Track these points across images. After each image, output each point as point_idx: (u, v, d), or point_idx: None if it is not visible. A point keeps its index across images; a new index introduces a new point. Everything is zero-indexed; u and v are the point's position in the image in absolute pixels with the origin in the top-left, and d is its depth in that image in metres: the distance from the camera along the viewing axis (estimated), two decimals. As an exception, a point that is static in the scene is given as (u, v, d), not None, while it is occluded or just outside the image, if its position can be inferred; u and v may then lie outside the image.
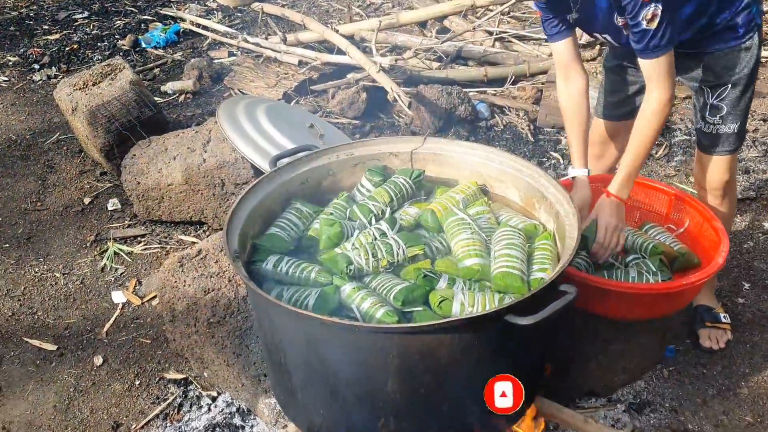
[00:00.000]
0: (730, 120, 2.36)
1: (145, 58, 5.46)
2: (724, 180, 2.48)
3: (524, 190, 2.14)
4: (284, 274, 1.88)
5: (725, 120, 2.36)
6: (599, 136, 2.72)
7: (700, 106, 2.40)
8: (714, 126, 2.38)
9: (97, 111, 3.61)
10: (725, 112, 2.35)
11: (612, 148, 2.72)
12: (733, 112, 2.35)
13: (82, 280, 3.17)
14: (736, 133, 2.39)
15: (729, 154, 2.43)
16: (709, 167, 2.48)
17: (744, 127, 2.43)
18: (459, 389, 1.72)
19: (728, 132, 2.38)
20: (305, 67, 4.68)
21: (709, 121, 2.39)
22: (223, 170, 3.18)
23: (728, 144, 2.41)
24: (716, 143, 2.42)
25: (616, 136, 2.68)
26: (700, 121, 2.42)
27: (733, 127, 2.37)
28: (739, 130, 2.39)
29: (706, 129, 2.41)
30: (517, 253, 1.86)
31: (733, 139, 2.40)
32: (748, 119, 2.48)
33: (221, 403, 2.46)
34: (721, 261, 2.17)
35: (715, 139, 2.41)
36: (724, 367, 2.57)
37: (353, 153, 2.28)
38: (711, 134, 2.41)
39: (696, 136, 2.51)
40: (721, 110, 2.35)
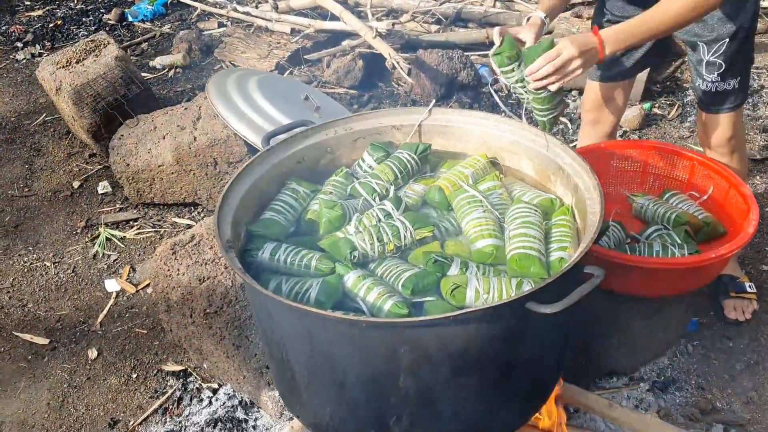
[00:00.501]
0: (730, 76, 2.22)
1: (132, 32, 5.26)
2: (727, 137, 2.35)
3: (538, 161, 1.97)
4: (282, 263, 1.73)
5: (724, 76, 2.22)
6: (593, 100, 2.58)
7: (696, 64, 2.26)
8: (713, 84, 2.24)
9: (82, 90, 3.44)
10: (724, 69, 2.21)
11: (607, 112, 2.58)
12: (732, 68, 2.21)
13: (74, 268, 3.03)
14: (737, 89, 2.25)
15: (731, 111, 2.30)
16: (712, 126, 2.35)
17: (746, 82, 2.29)
18: (476, 382, 1.58)
19: (728, 89, 2.24)
20: (298, 36, 4.49)
21: (707, 78, 2.24)
22: (215, 148, 3.02)
23: (729, 101, 2.27)
24: (716, 101, 2.29)
25: (612, 100, 2.53)
26: (698, 79, 2.28)
27: (732, 83, 2.23)
28: (740, 86, 2.25)
29: (705, 87, 2.27)
30: (535, 232, 1.71)
31: (734, 95, 2.26)
32: (750, 73, 2.33)
33: (223, 396, 2.34)
34: (752, 230, 2.02)
35: (715, 97, 2.28)
36: (752, 340, 2.44)
37: (352, 128, 2.11)
38: (710, 92, 2.27)
39: (695, 95, 2.37)
40: (720, 67, 2.21)
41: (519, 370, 1.62)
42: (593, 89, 2.55)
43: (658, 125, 3.68)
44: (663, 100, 3.89)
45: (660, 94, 3.92)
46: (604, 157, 2.45)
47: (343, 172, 2.01)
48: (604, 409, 1.97)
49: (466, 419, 1.63)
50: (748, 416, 2.20)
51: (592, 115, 2.61)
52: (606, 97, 2.54)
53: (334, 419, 1.68)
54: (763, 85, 3.97)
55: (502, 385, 1.61)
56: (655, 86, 3.97)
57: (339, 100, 3.96)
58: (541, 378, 1.75)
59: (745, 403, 2.24)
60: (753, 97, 3.87)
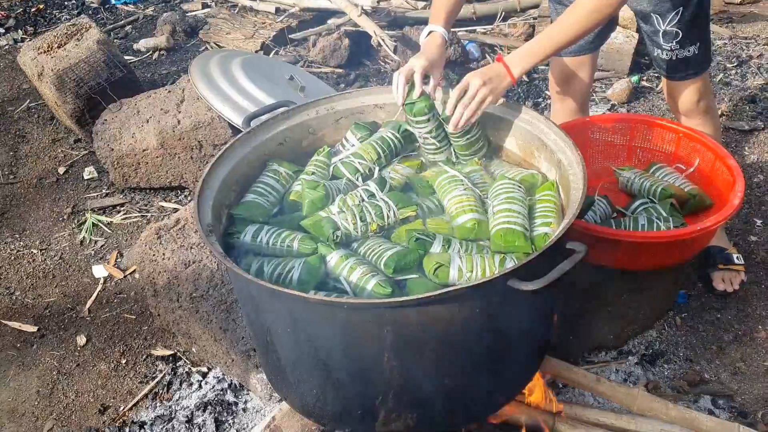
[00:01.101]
0: (689, 42, 2.18)
1: (115, 15, 5.19)
2: (694, 101, 2.32)
3: (522, 138, 1.96)
4: (265, 245, 1.71)
5: (683, 44, 2.18)
6: (559, 74, 2.54)
7: (651, 34, 2.22)
8: (672, 52, 2.20)
9: (64, 75, 3.39)
10: (682, 36, 2.17)
11: (575, 87, 2.54)
12: (690, 34, 2.17)
13: (61, 255, 3.01)
14: (697, 54, 2.21)
15: (696, 77, 2.26)
16: (679, 93, 2.32)
17: (707, 45, 2.24)
18: (461, 360, 1.58)
19: (689, 55, 2.21)
20: (283, 15, 4.44)
21: (665, 47, 2.20)
22: (199, 131, 2.99)
23: (692, 66, 2.23)
24: (679, 68, 2.25)
25: (577, 73, 2.50)
26: (656, 49, 2.24)
27: (692, 49, 2.19)
28: (701, 50, 2.21)
29: (665, 56, 2.23)
30: (518, 207, 1.69)
31: (696, 60, 2.22)
32: (710, 35, 2.28)
33: (212, 379, 2.33)
34: (738, 202, 2.02)
35: (678, 65, 2.24)
36: (739, 311, 2.45)
37: (334, 107, 2.09)
38: (671, 60, 2.23)
39: (654, 64, 2.33)
40: (677, 36, 2.17)
41: (504, 347, 1.62)
42: (558, 64, 2.52)
43: (646, 98, 3.66)
44: (651, 72, 3.86)
45: (648, 67, 3.89)
46: (589, 131, 2.43)
47: (326, 152, 1.99)
48: (592, 383, 1.97)
49: (452, 397, 1.63)
50: (736, 387, 2.20)
51: (560, 91, 2.58)
52: (572, 71, 2.51)
53: (321, 401, 1.68)
54: (752, 56, 3.95)
55: (487, 363, 1.61)
56: (644, 59, 3.94)
57: (325, 79, 3.93)
58: (526, 354, 1.75)
59: (733, 373, 2.25)
60: (741, 68, 3.85)
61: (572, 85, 2.53)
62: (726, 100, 3.57)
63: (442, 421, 1.69)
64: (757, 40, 4.09)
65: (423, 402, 1.63)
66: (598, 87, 3.80)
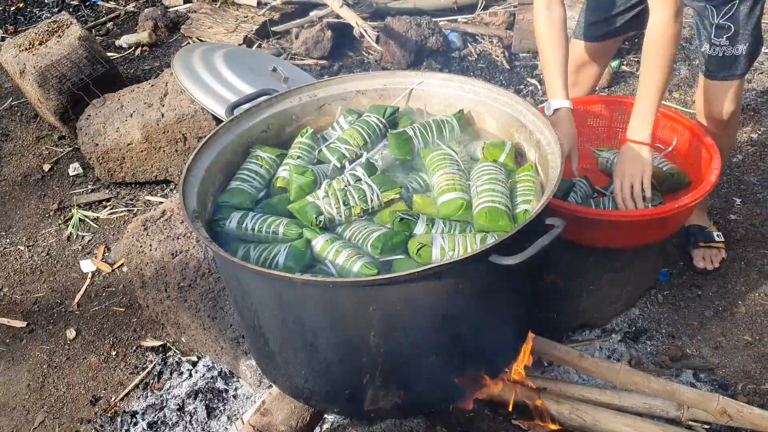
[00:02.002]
0: (740, 41, 2.16)
1: (96, 12, 5.16)
2: (731, 110, 2.29)
3: (502, 119, 1.99)
4: (250, 231, 1.74)
5: (734, 41, 2.16)
6: (575, 60, 2.52)
7: (704, 28, 2.20)
8: (721, 48, 2.18)
9: (46, 72, 3.39)
10: (733, 32, 2.15)
11: (587, 73, 2.55)
12: (742, 32, 2.15)
13: (48, 251, 3.01)
14: (746, 55, 2.19)
15: (738, 79, 2.25)
16: (716, 95, 2.28)
17: (755, 48, 2.22)
18: (447, 337, 1.61)
19: (737, 54, 2.19)
20: (265, 8, 4.44)
21: (715, 43, 2.18)
22: (183, 124, 3.00)
23: (737, 68, 2.21)
24: (724, 67, 2.22)
25: (594, 60, 2.51)
26: (705, 44, 2.22)
27: (742, 48, 2.17)
28: (750, 51, 2.19)
29: (713, 52, 2.20)
30: (501, 187, 1.73)
31: (742, 61, 2.21)
32: (761, 40, 2.26)
33: (202, 368, 2.35)
34: (714, 179, 2.06)
35: (723, 63, 2.21)
36: (720, 287, 2.49)
37: (317, 94, 2.11)
38: (718, 57, 2.21)
39: (699, 61, 2.31)
40: (729, 30, 2.15)
41: (488, 323, 1.65)
42: (577, 48, 2.50)
43: (627, 82, 3.70)
44: (632, 57, 3.91)
45: (628, 51, 3.94)
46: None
47: (308, 133, 2.00)
48: (575, 360, 2.01)
49: (438, 375, 1.66)
50: (716, 361, 2.25)
51: (571, 77, 2.52)
52: (590, 56, 2.50)
53: (309, 382, 1.71)
54: (730, 39, 3.99)
55: (472, 339, 1.64)
56: (624, 43, 3.97)
57: (309, 71, 3.94)
58: (510, 331, 1.79)
59: (714, 348, 2.29)
60: (720, 51, 3.89)
61: (585, 73, 2.54)
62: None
63: (429, 398, 1.73)
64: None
65: (409, 380, 1.67)
66: (579, 73, 3.83)
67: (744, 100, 3.43)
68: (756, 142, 3.17)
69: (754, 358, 2.24)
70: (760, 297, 2.45)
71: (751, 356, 2.25)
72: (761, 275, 2.52)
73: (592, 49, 2.49)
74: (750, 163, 3.05)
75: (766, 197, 2.85)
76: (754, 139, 3.19)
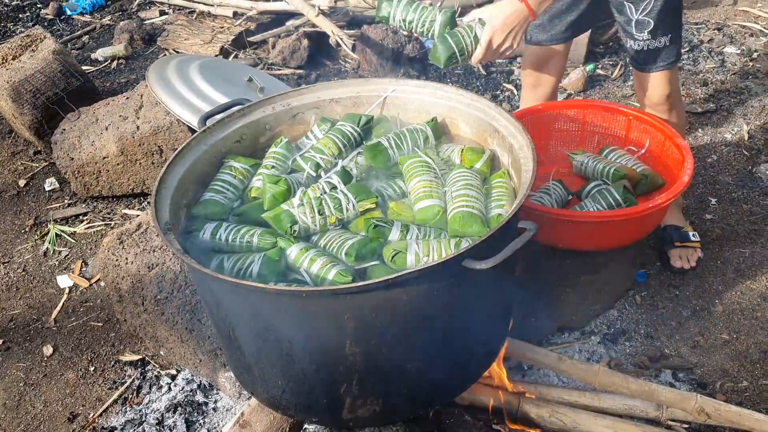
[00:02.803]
0: (660, 33, 2.23)
1: (72, 25, 5.14)
2: (665, 95, 2.36)
3: (475, 125, 1.99)
4: (224, 242, 1.72)
5: (654, 34, 2.23)
6: (532, 63, 2.58)
7: (625, 24, 2.26)
8: (644, 42, 2.25)
9: (20, 86, 3.36)
10: (653, 26, 2.21)
11: (547, 75, 2.59)
12: (661, 25, 2.21)
13: (24, 267, 2.98)
14: (668, 46, 2.25)
15: (666, 69, 2.31)
16: (649, 85, 2.36)
17: (678, 38, 2.29)
18: (424, 343, 1.61)
19: (659, 46, 2.25)
20: (241, 19, 4.43)
21: (637, 38, 2.25)
22: (159, 136, 2.98)
23: (663, 58, 2.28)
24: (650, 59, 2.29)
25: (550, 62, 2.55)
26: (629, 40, 2.28)
27: (664, 40, 2.24)
28: (672, 42, 2.26)
29: (637, 46, 2.27)
30: (475, 193, 1.73)
31: (667, 52, 2.27)
32: (682, 27, 2.34)
33: (181, 381, 2.33)
34: (687, 179, 2.08)
35: (648, 56, 2.28)
36: (697, 287, 2.51)
37: (290, 103, 2.11)
38: (642, 51, 2.27)
39: (628, 56, 2.38)
40: (649, 24, 2.21)
41: (464, 328, 1.65)
42: (532, 53, 2.57)
43: (602, 86, 3.73)
44: (606, 60, 3.94)
45: (603, 55, 3.97)
46: (543, 118, 2.48)
47: (283, 143, 1.99)
48: (554, 362, 2.01)
49: (415, 381, 1.66)
50: (695, 360, 2.26)
51: (532, 79, 2.62)
52: (544, 60, 2.56)
53: (287, 393, 1.70)
54: (703, 40, 4.04)
55: (448, 345, 1.64)
56: (598, 48, 4.02)
57: (286, 80, 3.94)
58: (488, 335, 1.78)
59: (692, 347, 2.31)
60: (693, 52, 3.94)
61: (545, 74, 2.58)
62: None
63: (408, 405, 1.72)
64: (707, 25, 4.20)
65: (387, 388, 1.66)
66: (554, 77, 3.86)
67: (717, 101, 3.48)
68: (730, 142, 3.20)
69: (731, 356, 2.26)
70: (737, 295, 2.47)
71: (728, 354, 2.27)
72: (737, 274, 2.54)
73: (545, 52, 2.53)
74: (725, 163, 3.08)
75: (741, 197, 2.88)
76: (728, 140, 3.22)
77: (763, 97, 3.47)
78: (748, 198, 2.87)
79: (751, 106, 3.42)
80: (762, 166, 3.02)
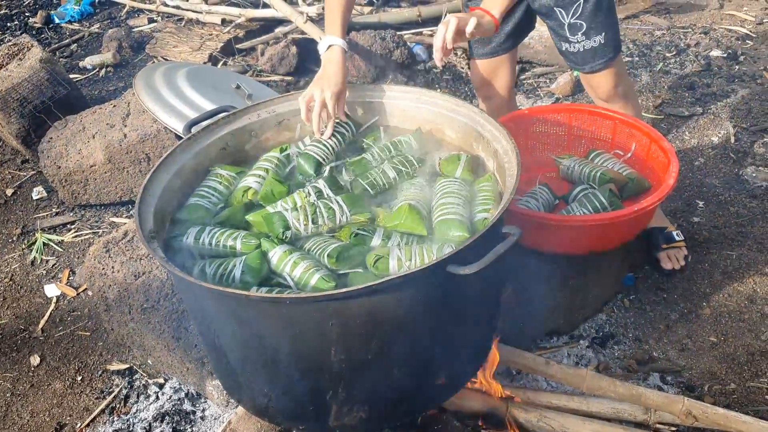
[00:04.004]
0: (594, 33, 2.23)
1: (60, 34, 5.13)
2: (612, 89, 2.36)
3: (461, 130, 2.00)
4: (207, 246, 1.71)
5: (588, 35, 2.23)
6: (479, 77, 2.58)
7: (557, 29, 2.27)
8: (579, 43, 2.25)
9: (7, 95, 3.35)
10: (586, 28, 2.22)
11: (496, 86, 2.58)
12: (594, 25, 2.22)
13: (11, 276, 2.96)
14: (603, 44, 2.25)
15: (607, 67, 2.31)
16: (599, 84, 2.36)
17: (615, 33, 2.29)
18: (409, 349, 1.60)
19: (595, 45, 2.25)
20: (230, 26, 4.44)
21: (572, 40, 2.25)
22: (146, 143, 2.98)
23: (601, 56, 2.28)
24: (589, 59, 2.30)
25: (496, 74, 2.55)
26: (563, 44, 2.29)
27: (598, 39, 2.24)
28: (608, 39, 2.25)
29: (573, 48, 2.28)
30: (454, 199, 1.73)
31: (604, 50, 2.27)
32: (617, 23, 2.33)
33: (169, 390, 2.32)
34: (672, 182, 2.08)
35: (587, 56, 2.29)
36: (685, 290, 2.51)
37: (275, 110, 2.11)
38: (579, 52, 2.28)
39: (565, 59, 2.38)
40: (581, 27, 2.22)
41: (450, 333, 1.65)
42: (476, 67, 2.56)
43: (590, 90, 3.74)
44: (594, 65, 3.95)
45: (590, 60, 3.98)
46: (529, 123, 2.48)
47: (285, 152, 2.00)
48: (542, 367, 2.01)
49: (402, 387, 1.65)
50: (683, 362, 2.26)
51: (484, 91, 2.61)
52: (490, 72, 2.54)
53: (273, 400, 1.69)
54: (689, 44, 4.06)
55: (434, 350, 1.63)
56: (586, 52, 4.03)
57: (275, 87, 3.94)
58: (474, 341, 1.78)
59: (680, 350, 2.31)
60: (680, 56, 3.96)
61: (494, 85, 2.57)
62: (666, 88, 3.67)
63: (394, 411, 1.71)
64: (693, 29, 4.22)
65: (373, 394, 1.65)
66: (542, 81, 3.88)
67: (704, 105, 3.49)
68: (717, 145, 3.21)
69: (719, 358, 2.26)
70: (724, 298, 2.47)
71: (716, 357, 2.27)
72: (725, 276, 2.54)
73: (489, 64, 2.52)
74: (712, 166, 3.09)
75: (728, 199, 2.89)
76: (715, 143, 3.23)
77: (749, 100, 3.49)
78: (735, 200, 2.88)
79: (737, 109, 3.43)
80: (748, 169, 3.03)
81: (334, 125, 2.01)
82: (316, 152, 1.97)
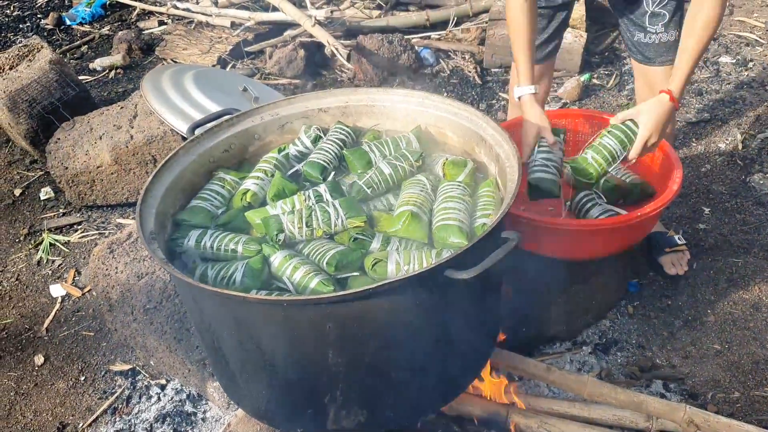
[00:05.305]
0: (672, 27, 2.25)
1: (71, 35, 5.17)
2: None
3: (463, 134, 1.99)
4: (209, 249, 1.72)
5: (667, 27, 2.25)
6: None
7: (639, 16, 2.27)
8: (656, 35, 2.27)
9: (16, 96, 3.38)
10: (668, 19, 2.23)
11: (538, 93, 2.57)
12: (674, 18, 2.24)
13: (18, 276, 2.98)
14: (676, 40, 2.25)
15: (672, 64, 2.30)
16: (656, 80, 2.35)
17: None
18: (407, 353, 1.60)
19: (671, 39, 2.27)
20: (239, 29, 4.46)
21: (650, 30, 2.26)
22: (152, 145, 2.99)
23: (672, 52, 2.26)
24: (660, 53, 2.30)
25: (540, 79, 2.54)
26: (638, 33, 2.30)
27: (674, 34, 2.26)
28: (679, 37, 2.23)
29: (648, 39, 2.29)
30: (455, 204, 1.73)
31: (675, 46, 2.23)
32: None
33: (170, 391, 2.33)
34: (676, 188, 2.07)
35: (659, 49, 2.30)
36: (689, 297, 2.50)
37: (279, 113, 2.11)
38: (653, 44, 2.28)
39: (633, 51, 2.38)
40: (663, 17, 2.23)
41: (449, 338, 1.64)
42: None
43: (597, 95, 3.73)
44: (602, 70, 3.94)
45: (598, 65, 3.98)
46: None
47: (285, 153, 2.00)
48: (543, 373, 2.00)
49: (400, 391, 1.65)
50: (686, 370, 2.25)
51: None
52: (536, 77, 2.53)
53: (271, 403, 1.69)
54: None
55: (433, 355, 1.63)
56: (594, 57, 4.02)
57: (282, 90, 3.95)
58: (473, 345, 1.77)
59: (684, 357, 2.29)
60: (688, 63, 3.93)
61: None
62: (674, 94, 3.65)
63: (393, 415, 1.71)
64: (702, 35, 4.19)
65: (372, 398, 1.65)
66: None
67: (712, 111, 3.47)
68: (724, 152, 3.19)
69: (723, 366, 2.25)
70: (729, 305, 2.45)
71: (720, 365, 2.25)
72: (730, 284, 2.53)
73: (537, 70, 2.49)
74: (718, 173, 3.07)
75: (734, 206, 2.87)
76: (722, 149, 3.21)
77: (757, 107, 3.47)
78: (742, 208, 2.86)
79: (745, 116, 3.41)
80: (755, 176, 3.01)
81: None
82: (319, 158, 1.96)
